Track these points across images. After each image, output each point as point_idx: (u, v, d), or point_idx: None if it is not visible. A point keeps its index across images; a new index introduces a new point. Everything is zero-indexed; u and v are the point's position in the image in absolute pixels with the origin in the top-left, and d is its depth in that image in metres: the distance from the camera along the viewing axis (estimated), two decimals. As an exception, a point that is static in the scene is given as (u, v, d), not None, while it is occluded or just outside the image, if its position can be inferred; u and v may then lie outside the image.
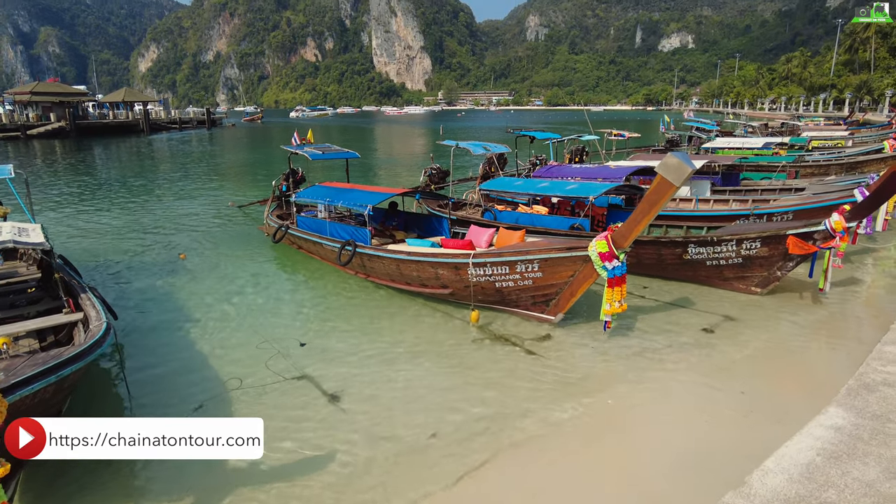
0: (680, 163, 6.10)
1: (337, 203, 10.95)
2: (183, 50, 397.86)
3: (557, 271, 7.69)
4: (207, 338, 8.35)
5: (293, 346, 7.93)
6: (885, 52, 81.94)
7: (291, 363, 7.42)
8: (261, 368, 7.27)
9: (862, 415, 3.68)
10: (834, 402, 3.87)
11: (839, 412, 3.72)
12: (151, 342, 8.24)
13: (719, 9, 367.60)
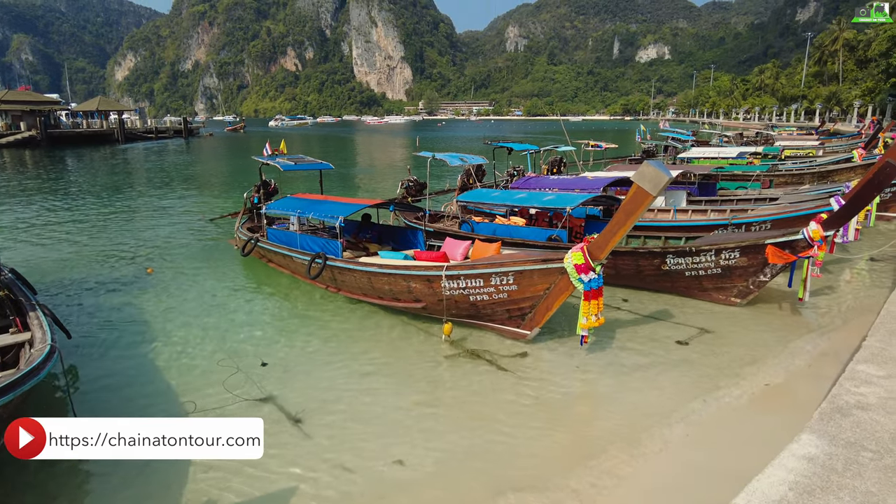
0: (657, 172, 5.91)
1: (308, 215, 10.61)
2: (161, 59, 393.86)
3: (533, 284, 7.43)
4: (167, 357, 7.93)
5: (255, 365, 7.55)
6: (852, 64, 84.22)
7: (253, 383, 7.04)
8: (220, 389, 6.88)
9: (835, 442, 3.48)
10: (807, 429, 3.66)
11: (812, 440, 3.51)
12: (107, 362, 7.79)
13: (694, 21, 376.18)
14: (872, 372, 4.40)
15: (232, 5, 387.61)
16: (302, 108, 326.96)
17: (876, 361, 4.61)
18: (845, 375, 4.31)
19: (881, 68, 47.37)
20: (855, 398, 3.96)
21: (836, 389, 4.08)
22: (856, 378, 4.28)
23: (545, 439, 5.74)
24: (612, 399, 6.53)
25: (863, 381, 4.23)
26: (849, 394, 4.02)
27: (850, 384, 4.17)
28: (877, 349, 4.85)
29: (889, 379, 4.29)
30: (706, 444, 5.46)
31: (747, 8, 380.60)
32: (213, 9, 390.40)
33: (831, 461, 3.33)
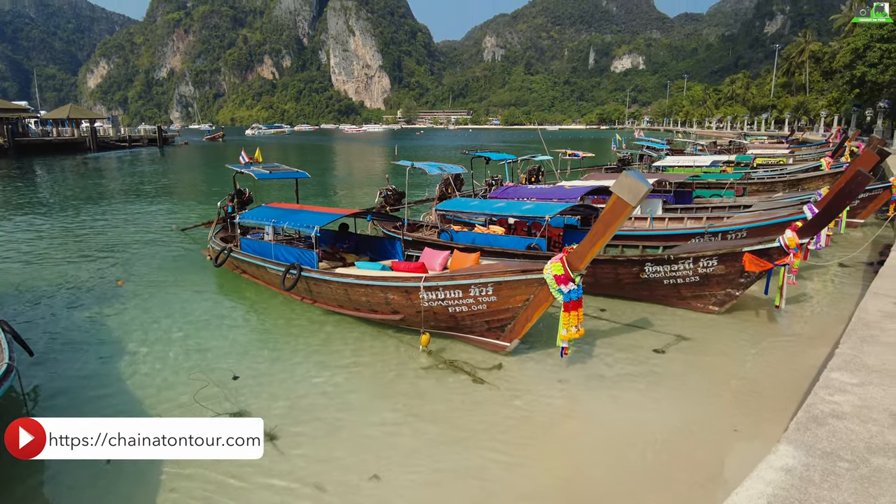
0: (635, 182, 5.91)
1: (283, 224, 10.42)
2: (135, 66, 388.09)
3: (512, 295, 7.37)
4: (135, 372, 7.68)
5: (227, 379, 7.35)
6: (818, 75, 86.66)
7: (226, 397, 6.84)
8: (192, 404, 6.67)
9: (812, 453, 3.48)
10: (784, 439, 3.66)
11: (789, 451, 3.50)
12: (72, 381, 7.49)
13: (667, 32, 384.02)
14: (846, 380, 4.42)
15: (208, 13, 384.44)
16: (279, 116, 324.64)
17: (849, 369, 4.64)
18: (820, 384, 4.32)
19: (845, 80, 48.67)
20: (830, 407, 3.96)
21: (811, 398, 4.08)
22: (830, 386, 4.29)
23: (526, 456, 5.65)
24: (593, 413, 6.46)
25: (837, 390, 4.24)
26: (823, 402, 4.02)
27: (825, 392, 4.17)
28: (849, 356, 4.88)
29: (862, 387, 4.31)
30: (684, 455, 5.43)
31: (718, 20, 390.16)
32: (189, 16, 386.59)
33: (809, 472, 3.31)
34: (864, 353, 4.93)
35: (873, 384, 4.32)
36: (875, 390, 4.23)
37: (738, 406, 6.34)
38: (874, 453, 3.51)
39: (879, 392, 4.19)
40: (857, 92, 46.18)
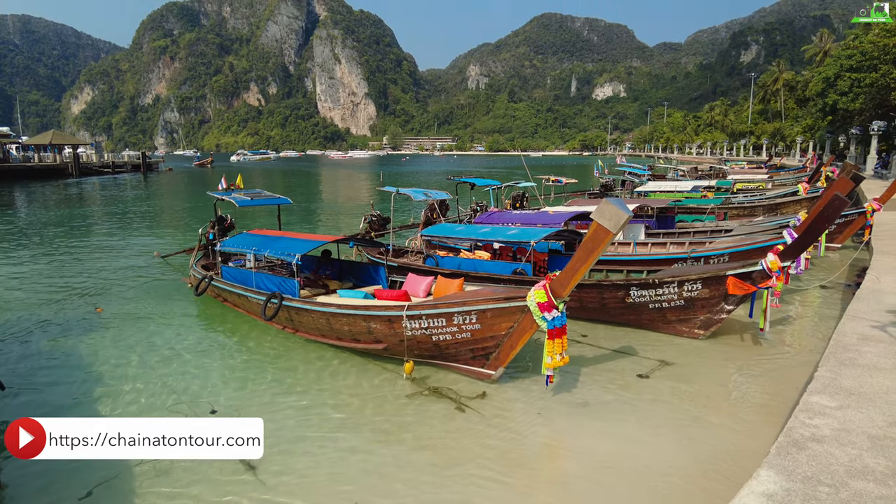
0: (616, 209, 5.97)
1: (264, 252, 10.33)
2: (120, 92, 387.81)
3: (496, 323, 7.33)
4: (113, 404, 7.49)
5: (206, 411, 7.18)
6: (792, 103, 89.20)
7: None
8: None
9: (793, 478, 3.48)
10: (765, 464, 3.66)
11: (771, 476, 3.51)
12: (47, 413, 7.27)
13: (647, 60, 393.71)
14: (825, 403, 4.45)
15: (194, 41, 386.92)
16: (265, 142, 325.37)
17: (828, 392, 4.66)
18: (800, 407, 4.35)
19: (818, 107, 50.16)
20: (810, 431, 3.98)
21: (791, 422, 4.10)
22: (809, 410, 4.31)
23: (511, 487, 5.56)
24: (579, 443, 6.36)
25: (816, 413, 4.26)
26: (804, 426, 4.03)
27: (805, 416, 4.19)
28: (828, 379, 4.92)
29: (841, 410, 4.33)
30: (669, 483, 5.39)
31: (696, 49, 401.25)
32: (175, 44, 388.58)
33: (790, 498, 3.31)
34: (841, 376, 4.97)
35: (851, 407, 4.35)
36: (853, 413, 4.25)
37: (722, 431, 6.32)
38: (853, 477, 3.52)
39: (857, 415, 4.22)
40: (830, 119, 47.54)
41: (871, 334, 6.18)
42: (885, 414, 4.24)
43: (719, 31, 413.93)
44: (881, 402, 4.43)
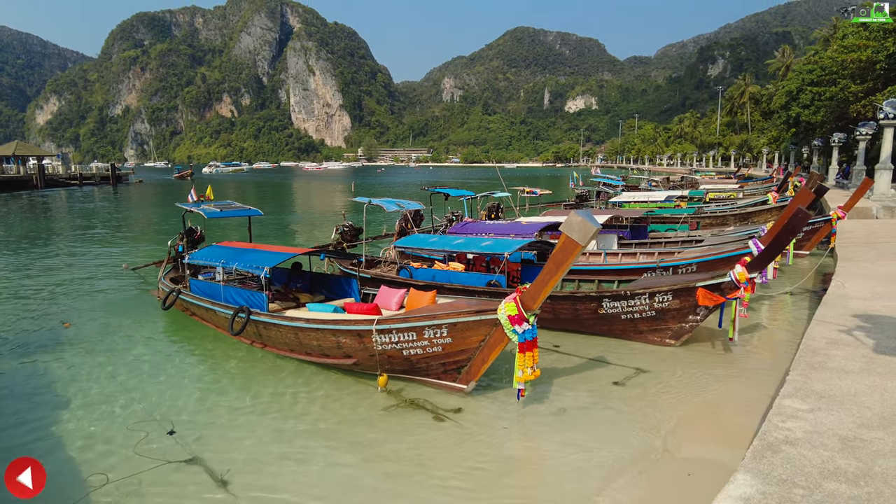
0: (584, 221, 5.95)
1: (232, 265, 10.07)
2: (88, 103, 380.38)
3: (467, 336, 7.23)
4: (75, 424, 7.18)
5: (174, 427, 6.93)
6: (758, 115, 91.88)
7: (172, 447, 6.44)
8: (134, 457, 6.26)
9: (768, 481, 3.50)
10: (741, 468, 3.69)
11: (747, 479, 3.53)
12: (4, 434, 6.93)
13: (618, 74, 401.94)
14: (797, 406, 4.50)
15: (166, 51, 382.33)
16: (238, 154, 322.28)
17: (799, 395, 4.72)
18: (773, 411, 4.39)
19: (782, 119, 51.72)
20: (783, 434, 4.01)
21: (765, 426, 4.14)
22: (782, 413, 4.35)
23: (487, 500, 5.46)
24: (556, 452, 6.28)
25: (789, 416, 4.30)
26: (777, 430, 4.07)
27: (778, 419, 4.23)
28: (799, 383, 4.97)
29: (812, 412, 4.38)
30: (647, 489, 5.34)
31: (665, 63, 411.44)
32: (146, 54, 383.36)
33: (766, 500, 3.33)
34: (812, 380, 5.03)
35: (822, 409, 4.41)
36: (824, 415, 4.31)
37: (698, 436, 6.31)
38: (827, 478, 3.54)
39: (828, 417, 4.28)
40: (794, 131, 48.99)
41: (838, 338, 6.27)
42: (854, 416, 4.31)
43: (687, 45, 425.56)
44: (850, 405, 4.51)
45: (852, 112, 35.50)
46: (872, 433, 4.03)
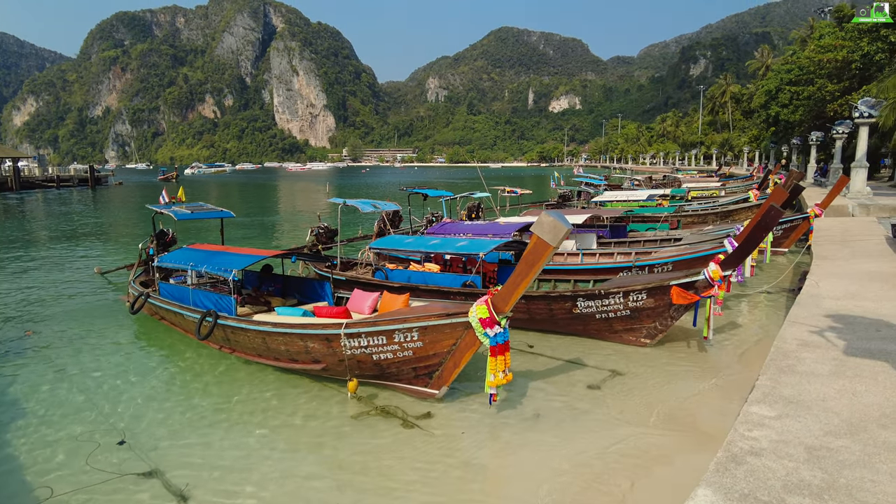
0: (555, 222, 5.80)
1: (201, 267, 9.80)
2: (67, 104, 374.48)
3: (438, 340, 7.06)
4: (24, 432, 6.94)
5: (134, 437, 6.69)
6: (739, 114, 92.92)
7: (128, 459, 6.21)
8: (86, 469, 6.02)
9: (730, 496, 3.40)
10: (703, 482, 3.58)
11: (708, 494, 3.42)
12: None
13: (601, 74, 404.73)
14: (764, 413, 4.37)
15: (146, 51, 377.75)
16: (221, 155, 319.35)
17: (767, 402, 4.59)
18: (740, 419, 4.26)
19: (762, 118, 52.29)
20: (748, 444, 3.87)
21: (731, 435, 4.00)
22: (749, 421, 4.22)
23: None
24: (529, 459, 6.13)
25: (755, 424, 4.17)
26: (743, 439, 3.93)
27: (744, 428, 4.09)
28: (768, 388, 4.85)
29: (780, 419, 4.25)
30: (615, 499, 5.21)
31: (648, 63, 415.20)
32: (126, 54, 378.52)
33: (726, 517, 3.17)
34: (781, 384, 4.92)
35: (789, 416, 4.29)
36: (791, 423, 4.19)
37: (671, 445, 6.19)
38: (790, 492, 3.42)
39: (795, 424, 4.16)
40: (774, 130, 49.52)
41: (810, 340, 6.19)
42: (821, 422, 4.19)
43: (669, 45, 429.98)
44: (818, 410, 4.39)
45: (829, 111, 35.94)
46: (839, 441, 3.92)
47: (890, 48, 30.71)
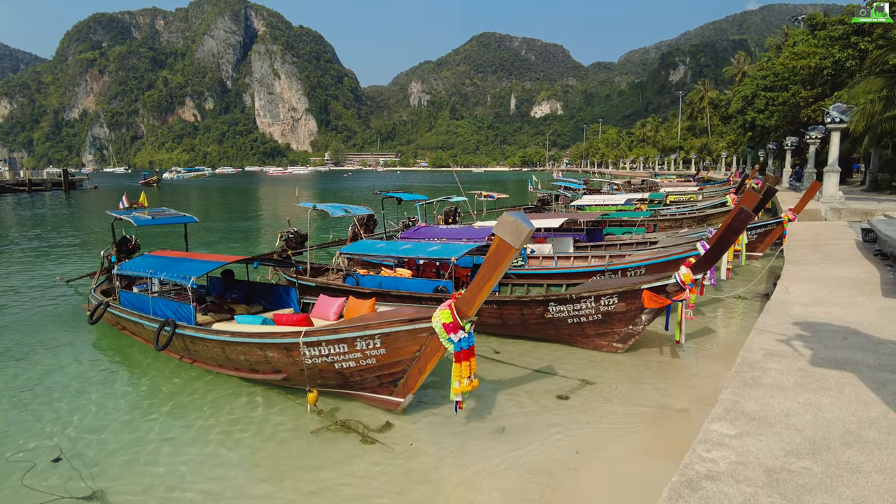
0: (516, 222, 5.60)
1: (160, 275, 9.44)
2: (42, 106, 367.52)
3: (402, 347, 6.81)
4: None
5: (79, 456, 6.35)
6: (717, 120, 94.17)
7: (71, 479, 5.86)
8: (21, 490, 5.70)
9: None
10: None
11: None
12: None
13: (582, 79, 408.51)
14: (725, 431, 4.15)
15: (125, 54, 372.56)
16: (201, 159, 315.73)
17: (729, 418, 4.38)
18: (699, 437, 4.02)
19: (739, 123, 52.98)
20: (705, 466, 3.63)
21: (688, 457, 3.76)
22: (708, 440, 3.99)
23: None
24: (495, 474, 5.89)
25: (715, 444, 3.94)
26: (700, 461, 3.69)
27: (703, 448, 3.86)
28: (730, 403, 4.65)
29: (740, 438, 4.04)
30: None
31: (628, 68, 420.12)
32: (104, 56, 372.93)
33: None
34: (744, 398, 4.73)
35: (750, 434, 4.07)
36: (752, 442, 3.96)
37: (639, 463, 6.01)
38: (747, 521, 3.20)
39: (756, 444, 3.93)
40: (750, 135, 50.15)
41: (776, 349, 6.05)
42: (783, 440, 3.98)
43: (649, 51, 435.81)
44: (780, 427, 4.19)
45: (803, 116, 36.45)
46: (801, 462, 3.72)
47: (860, 55, 31.26)
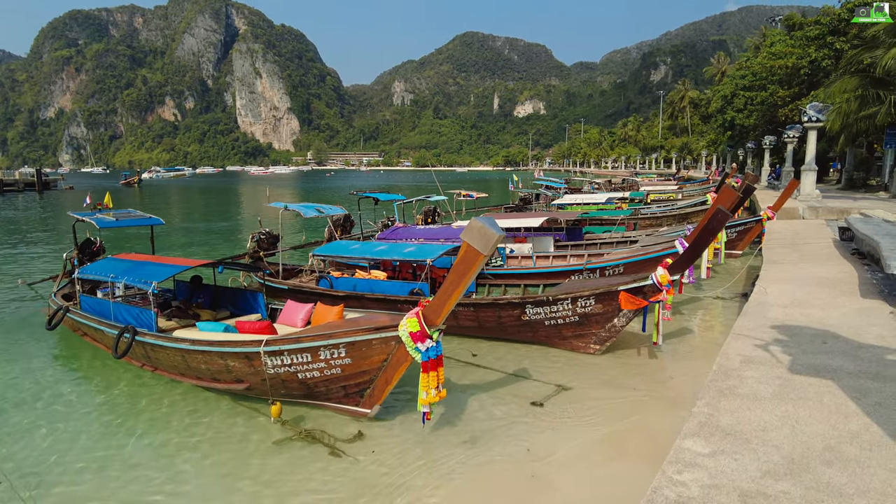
0: (484, 228, 5.35)
1: (122, 279, 9.03)
2: (16, 105, 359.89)
3: (368, 356, 6.51)
4: None
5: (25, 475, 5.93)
6: (697, 119, 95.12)
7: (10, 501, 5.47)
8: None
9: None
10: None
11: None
12: None
13: (565, 79, 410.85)
14: (698, 449, 3.88)
15: (102, 52, 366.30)
16: (182, 159, 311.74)
17: (702, 434, 4.12)
18: (670, 457, 3.73)
19: (718, 123, 53.45)
20: (675, 491, 3.33)
21: (657, 479, 3.45)
22: (680, 460, 3.70)
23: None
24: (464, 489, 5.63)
25: (687, 465, 3.66)
26: (670, 485, 3.39)
27: (673, 470, 3.57)
28: (705, 417, 4.39)
29: (714, 457, 3.78)
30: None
31: (610, 68, 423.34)
32: (81, 54, 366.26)
33: None
34: (720, 411, 4.49)
35: (725, 453, 3.80)
36: (726, 461, 3.69)
37: (614, 470, 5.78)
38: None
39: (731, 464, 3.65)
40: (730, 134, 50.59)
41: (754, 355, 5.85)
42: (759, 459, 3.72)
43: (631, 51, 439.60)
44: (757, 443, 3.93)
45: (781, 116, 36.78)
46: (778, 485, 3.43)
47: (836, 55, 31.58)
